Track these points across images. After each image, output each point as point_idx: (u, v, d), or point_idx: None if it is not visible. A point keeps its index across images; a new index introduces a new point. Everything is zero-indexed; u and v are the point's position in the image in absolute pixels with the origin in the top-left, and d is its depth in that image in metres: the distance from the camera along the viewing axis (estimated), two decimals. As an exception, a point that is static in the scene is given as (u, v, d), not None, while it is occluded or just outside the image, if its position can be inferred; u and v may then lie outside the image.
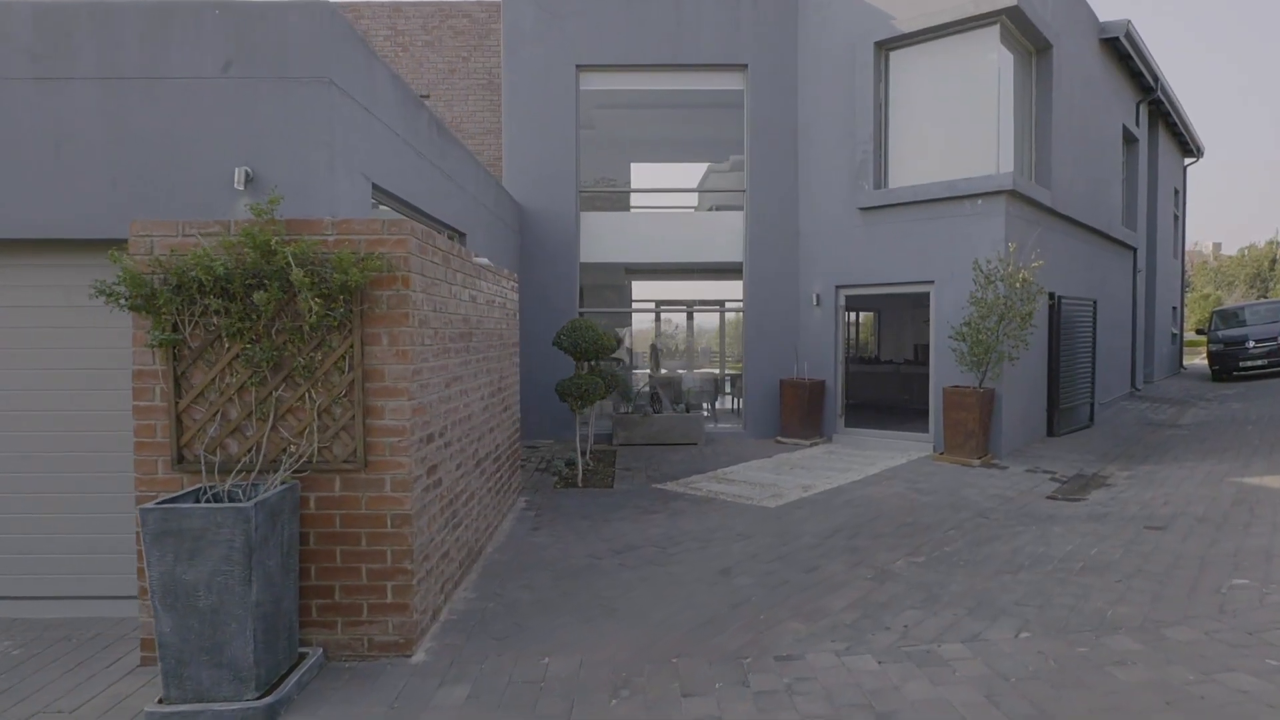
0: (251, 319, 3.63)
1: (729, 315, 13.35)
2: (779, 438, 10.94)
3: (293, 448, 3.74)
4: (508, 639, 4.05)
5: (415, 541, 3.85)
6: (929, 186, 9.74)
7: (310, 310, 3.48)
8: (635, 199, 14.29)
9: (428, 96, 12.32)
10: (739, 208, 11.50)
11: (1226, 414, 12.64)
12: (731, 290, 11.89)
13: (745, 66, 11.17)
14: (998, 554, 5.43)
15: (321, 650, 3.77)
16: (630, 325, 16.86)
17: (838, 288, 10.89)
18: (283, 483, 3.59)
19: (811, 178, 11.12)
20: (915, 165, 10.28)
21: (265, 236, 3.51)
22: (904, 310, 11.68)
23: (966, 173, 9.52)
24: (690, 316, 15.24)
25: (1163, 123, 17.84)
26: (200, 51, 4.45)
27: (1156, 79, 15.33)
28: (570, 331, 7.71)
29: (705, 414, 12.72)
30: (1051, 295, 10.70)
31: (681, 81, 11.40)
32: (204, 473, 3.67)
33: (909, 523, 6.37)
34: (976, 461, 8.95)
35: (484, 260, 5.20)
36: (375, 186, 5.18)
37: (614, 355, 12.04)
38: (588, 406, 7.92)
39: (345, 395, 3.75)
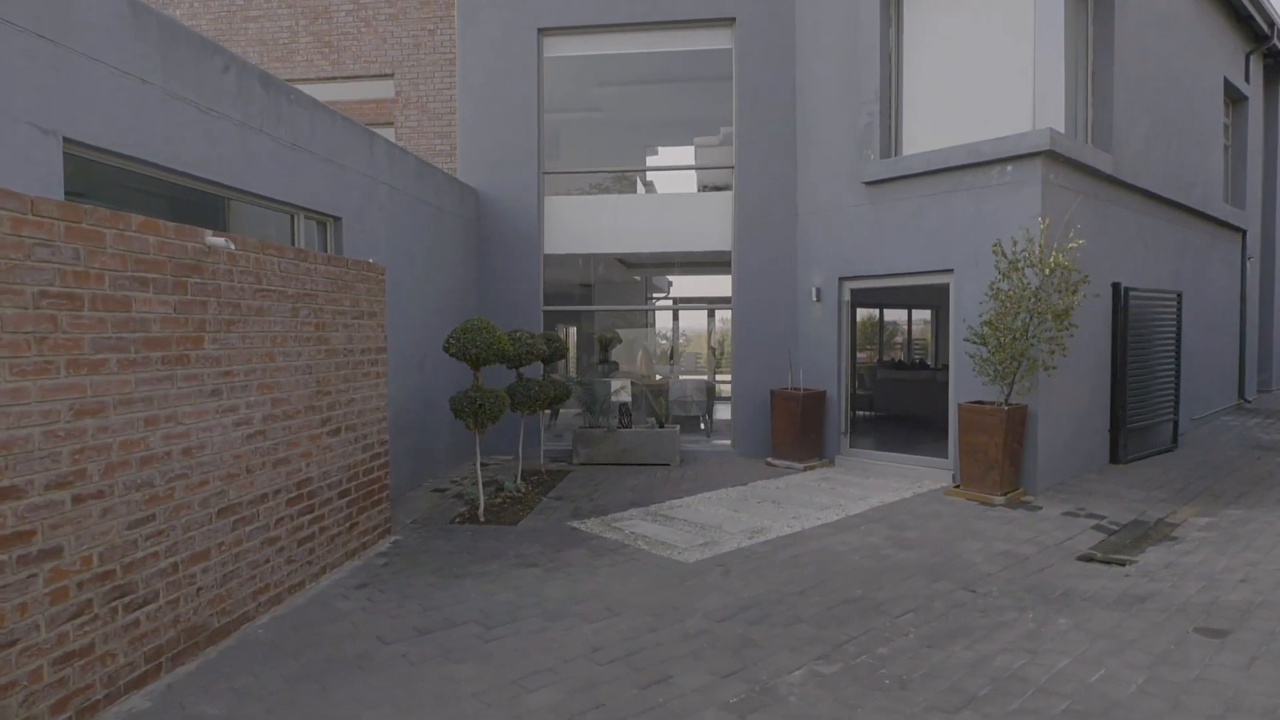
0: None
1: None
2: (769, 459, 9.19)
3: None
4: (89, 807, 2.67)
5: (-79, 660, 2.52)
6: (946, 152, 7.79)
7: None
8: (639, 185, 12.77)
9: (391, 75, 11.21)
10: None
11: (1362, 436, 9.97)
12: (724, 285, 10.20)
13: (733, 20, 9.47)
14: (951, 666, 3.64)
15: None
16: (647, 324, 15.31)
17: (841, 280, 9.03)
18: None
19: (811, 150, 9.30)
20: (933, 129, 8.32)
21: None
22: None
23: (996, 133, 7.51)
24: (711, 315, 13.62)
25: (1284, 79, 14.82)
26: None
27: (1273, 24, 12.56)
28: (460, 334, 6.30)
29: (702, 427, 11.09)
30: (1116, 287, 8.51)
31: (660, 42, 9.81)
32: None
33: (855, 598, 4.62)
34: (999, 498, 6.99)
35: (219, 241, 3.85)
36: (83, 145, 3.91)
37: (604, 359, 10.61)
38: (489, 424, 6.48)
39: None
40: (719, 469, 8.90)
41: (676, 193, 10.55)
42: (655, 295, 17.11)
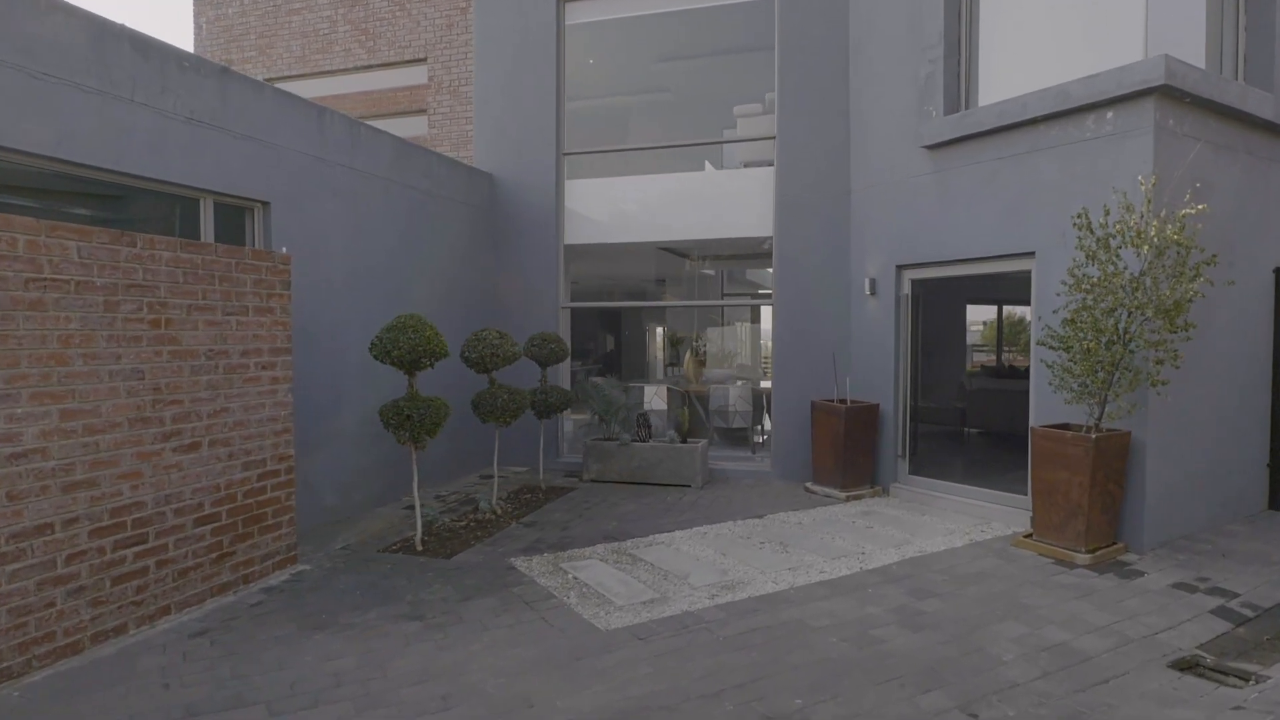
0: None
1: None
2: (809, 484, 7.67)
3: None
4: None
5: None
6: (1024, 100, 6.01)
7: None
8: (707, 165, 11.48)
9: (424, 60, 10.64)
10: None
11: None
12: (768, 276, 8.76)
13: (774, -36, 8.04)
14: None
15: None
16: (723, 321, 13.93)
17: (899, 268, 7.36)
18: None
19: (866, 114, 7.68)
20: (1018, 78, 6.49)
21: None
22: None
23: (1092, 71, 5.65)
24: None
25: None
26: None
27: None
28: (384, 333, 5.40)
29: (759, 440, 9.67)
30: (1281, 273, 6.33)
31: (692, -1, 8.54)
32: None
33: (786, 713, 3.23)
34: (1082, 555, 5.20)
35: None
36: None
37: (674, 361, 9.51)
38: (427, 438, 5.55)
39: None
40: (745, 495, 7.51)
41: (709, 171, 9.19)
42: (761, 290, 15.64)
